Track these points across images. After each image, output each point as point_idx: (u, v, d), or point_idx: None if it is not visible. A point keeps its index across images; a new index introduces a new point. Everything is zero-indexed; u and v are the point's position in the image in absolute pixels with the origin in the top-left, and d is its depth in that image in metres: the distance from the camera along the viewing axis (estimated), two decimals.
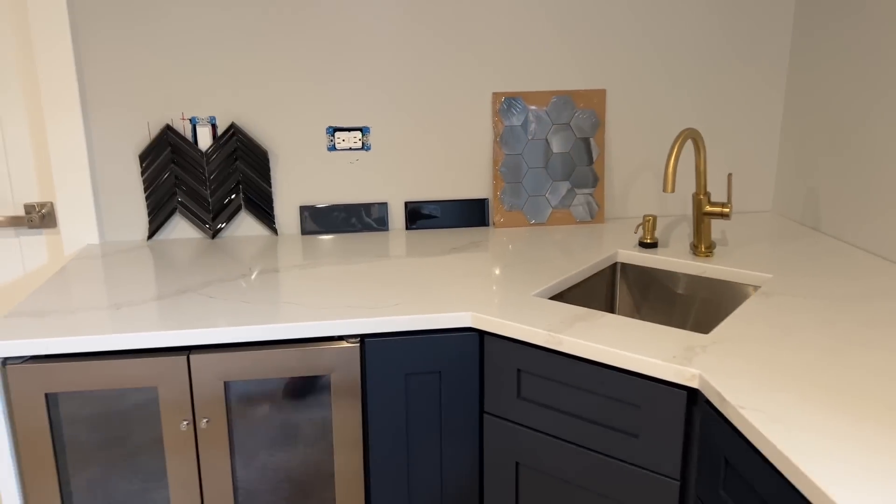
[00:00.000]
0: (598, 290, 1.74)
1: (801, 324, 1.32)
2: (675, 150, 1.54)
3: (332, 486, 1.46)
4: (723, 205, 1.67)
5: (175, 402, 1.37)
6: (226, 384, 1.38)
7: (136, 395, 1.37)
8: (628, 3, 1.97)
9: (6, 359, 1.33)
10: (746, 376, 1.13)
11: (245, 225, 1.97)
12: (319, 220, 1.98)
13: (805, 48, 1.97)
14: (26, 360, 1.33)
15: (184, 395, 1.37)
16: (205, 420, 1.39)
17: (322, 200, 1.99)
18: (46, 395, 1.34)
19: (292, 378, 1.41)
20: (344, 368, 1.41)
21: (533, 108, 1.99)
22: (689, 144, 2.04)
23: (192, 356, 1.36)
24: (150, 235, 1.92)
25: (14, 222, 1.93)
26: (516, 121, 1.99)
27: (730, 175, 1.66)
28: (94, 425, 1.38)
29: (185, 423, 1.38)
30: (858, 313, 1.37)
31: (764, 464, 0.99)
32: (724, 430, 1.09)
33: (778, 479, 0.95)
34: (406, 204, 2.02)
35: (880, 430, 0.97)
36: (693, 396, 1.20)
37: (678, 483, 1.23)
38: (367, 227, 2.00)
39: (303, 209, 1.97)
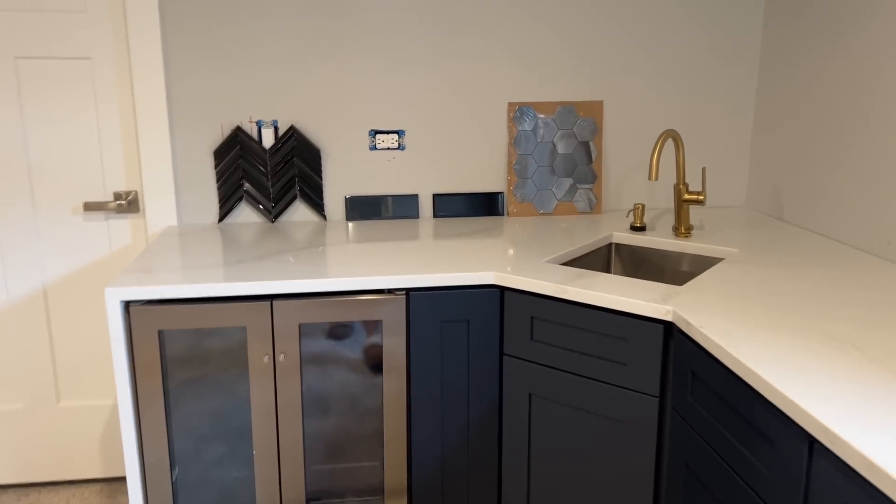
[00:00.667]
0: (596, 264, 2.10)
1: (753, 280, 1.68)
2: (658, 146, 1.91)
3: (381, 408, 1.81)
4: (698, 193, 2.04)
5: (259, 340, 1.73)
6: (300, 326, 1.74)
7: (228, 333, 1.73)
8: (621, 28, 2.36)
9: (129, 302, 1.69)
10: (708, 310, 1.48)
11: (299, 212, 2.34)
12: (361, 208, 2.35)
13: (772, 62, 2.35)
14: (143, 303, 1.69)
15: (266, 334, 1.73)
16: (282, 354, 1.74)
17: (364, 192, 2.36)
18: (159, 332, 1.70)
19: (352, 322, 1.76)
20: (393, 315, 1.77)
21: (541, 115, 2.37)
22: (672, 146, 2.41)
23: (274, 302, 1.72)
24: (221, 219, 2.29)
25: (104, 207, 2.29)
26: (527, 126, 2.36)
27: (704, 168, 2.03)
28: (194, 356, 1.73)
29: (266, 357, 1.74)
30: (798, 273, 1.73)
31: (720, 367, 1.34)
32: (690, 349, 1.45)
33: (730, 375, 1.31)
34: (434, 196, 2.39)
35: (800, 338, 1.32)
36: (669, 330, 1.55)
37: (657, 399, 1.58)
38: (400, 215, 2.37)
39: (347, 199, 2.34)
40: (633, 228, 2.16)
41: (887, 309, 1.47)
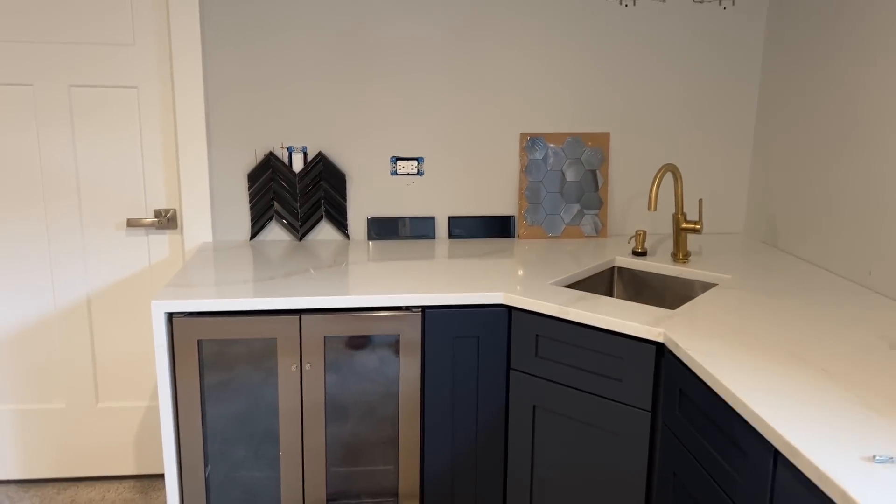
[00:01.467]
0: (600, 287, 2.25)
1: (741, 305, 1.83)
2: (657, 180, 2.07)
3: (397, 415, 1.98)
4: (695, 222, 2.19)
5: (288, 350, 1.90)
6: (325, 339, 1.91)
7: (260, 343, 1.90)
8: (627, 65, 2.52)
9: (172, 314, 1.87)
10: (696, 333, 1.64)
11: (325, 231, 2.51)
12: (382, 228, 2.52)
13: (770, 98, 2.50)
14: (185, 315, 1.87)
15: (294, 345, 1.90)
16: (308, 364, 1.92)
17: (385, 213, 2.53)
18: (198, 341, 1.88)
19: (372, 335, 1.93)
20: (409, 331, 1.93)
21: (551, 145, 2.53)
22: (671, 179, 2.56)
23: (302, 316, 1.89)
24: (252, 236, 2.47)
25: (145, 224, 2.48)
26: (538, 155, 2.53)
27: (700, 200, 2.18)
28: (228, 363, 1.91)
29: (293, 365, 1.91)
30: (783, 300, 1.87)
31: (702, 385, 1.49)
32: (678, 368, 1.60)
33: (710, 393, 1.46)
34: (449, 218, 2.55)
35: (776, 361, 1.47)
36: (661, 350, 1.71)
37: (650, 413, 1.74)
38: (418, 236, 2.54)
39: (369, 220, 2.51)
40: (635, 253, 2.31)
41: (860, 335, 1.62)
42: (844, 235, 2.09)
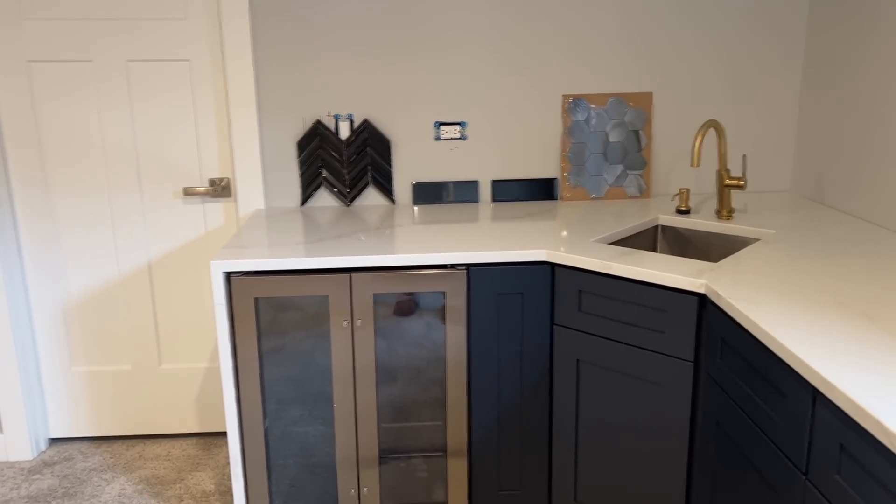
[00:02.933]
0: (643, 245, 2.27)
1: (784, 258, 1.84)
2: (700, 136, 2.07)
3: (444, 367, 2.05)
4: (739, 178, 2.19)
5: (339, 307, 1.99)
6: (374, 296, 1.99)
7: (313, 301, 1.99)
8: (669, 23, 2.51)
9: (230, 273, 1.96)
10: (737, 284, 1.66)
11: (371, 196, 2.58)
12: (426, 193, 2.58)
13: (817, 51, 2.47)
14: (242, 274, 1.96)
15: (345, 302, 1.98)
16: (359, 320, 2.00)
17: (429, 178, 2.59)
18: (255, 299, 1.97)
19: (419, 293, 2.00)
20: (455, 288, 1.99)
21: (594, 106, 2.54)
22: (714, 135, 2.55)
23: (352, 275, 1.97)
24: (303, 203, 2.56)
25: (201, 192, 2.59)
26: (580, 116, 2.55)
27: (744, 156, 2.18)
28: (284, 320, 2.00)
29: (345, 322, 1.99)
30: (827, 252, 1.87)
31: (743, 332, 1.52)
32: (720, 317, 1.63)
33: (750, 339, 1.49)
34: (492, 181, 2.60)
35: (817, 308, 1.49)
36: (702, 302, 1.73)
37: (692, 363, 1.77)
38: (462, 200, 2.59)
39: (414, 185, 2.57)
40: (679, 211, 2.32)
41: None
42: (892, 188, 2.06)
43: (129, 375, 2.74)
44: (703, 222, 2.23)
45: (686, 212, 2.32)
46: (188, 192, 2.58)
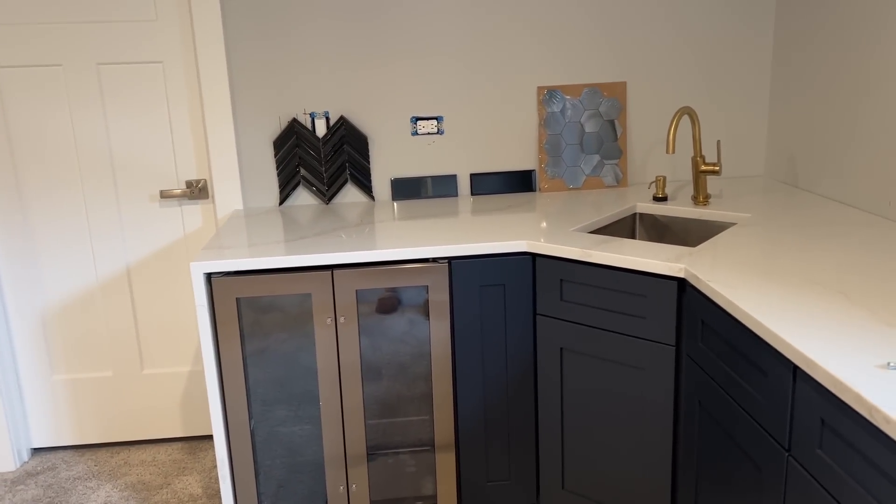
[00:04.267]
0: (621, 232, 2.29)
1: (760, 240, 1.87)
2: (674, 122, 2.10)
3: (429, 361, 2.05)
4: (714, 164, 2.22)
5: (322, 305, 1.98)
6: (357, 292, 1.99)
7: (296, 299, 1.98)
8: (640, 12, 2.53)
9: (210, 274, 1.95)
10: (716, 267, 1.68)
11: (350, 194, 2.58)
12: (405, 188, 2.58)
13: (786, 36, 2.50)
14: (223, 275, 1.95)
15: (328, 300, 1.98)
16: (342, 318, 1.99)
17: (407, 174, 2.59)
18: (237, 299, 1.96)
19: (402, 288, 2.00)
20: (437, 282, 2.00)
21: (569, 97, 2.56)
22: (688, 122, 2.58)
23: (334, 272, 1.96)
24: (281, 202, 2.55)
25: (177, 195, 2.57)
26: (556, 108, 2.56)
27: (718, 141, 2.20)
28: (266, 320, 1.99)
29: (328, 319, 1.99)
30: (802, 233, 1.91)
31: (723, 313, 1.54)
32: (700, 300, 1.65)
33: (730, 320, 1.51)
34: (471, 175, 2.61)
35: (794, 286, 1.51)
36: (682, 286, 1.75)
37: (673, 347, 1.79)
38: (441, 194, 2.60)
39: (393, 181, 2.57)
40: (656, 199, 2.35)
41: (877, 261, 1.65)
42: (864, 170, 2.10)
43: (112, 382, 2.72)
44: (680, 209, 2.26)
45: (663, 199, 2.34)
46: (165, 195, 2.55)
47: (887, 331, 1.27)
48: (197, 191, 2.57)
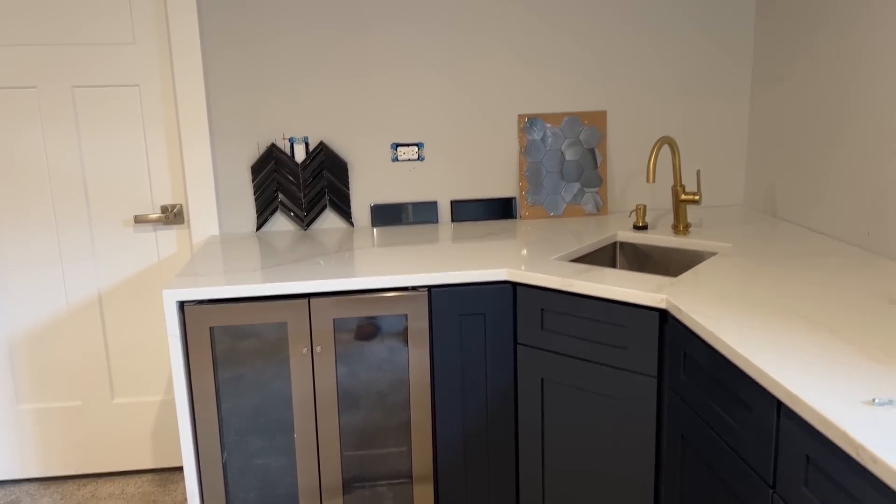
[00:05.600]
0: (602, 261, 2.28)
1: (741, 271, 1.86)
2: (654, 152, 2.10)
3: (408, 391, 2.01)
4: (694, 193, 2.22)
5: (298, 334, 1.94)
6: (334, 321, 1.95)
7: (271, 328, 1.94)
8: (620, 43, 2.54)
9: (183, 302, 1.90)
10: (697, 298, 1.66)
11: (329, 220, 2.55)
12: (385, 215, 2.55)
13: (764, 68, 2.52)
14: (196, 303, 1.90)
15: (304, 329, 1.94)
16: (319, 347, 1.95)
17: (387, 200, 2.56)
18: (210, 328, 1.91)
19: (380, 316, 1.96)
20: (417, 310, 1.96)
21: (549, 125, 2.56)
22: (668, 151, 2.59)
23: (311, 300, 1.92)
24: (258, 228, 2.51)
25: (152, 220, 2.52)
26: (537, 136, 2.56)
27: (698, 171, 2.21)
28: (241, 350, 1.94)
29: (304, 349, 1.94)
30: (786, 263, 1.90)
31: (705, 346, 1.52)
32: (682, 332, 1.63)
33: (713, 353, 1.49)
34: (451, 202, 2.58)
35: (778, 319, 1.50)
36: (664, 317, 1.74)
37: (655, 379, 1.77)
38: (421, 221, 2.57)
39: (373, 207, 2.55)
40: (636, 227, 2.34)
41: (858, 293, 1.65)
42: (842, 200, 2.11)
43: (80, 411, 2.64)
44: (660, 237, 2.25)
45: (643, 227, 2.34)
46: (139, 220, 2.50)
47: (872, 366, 1.25)
48: (172, 216, 2.52)
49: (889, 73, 1.90)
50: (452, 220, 2.59)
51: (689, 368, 1.62)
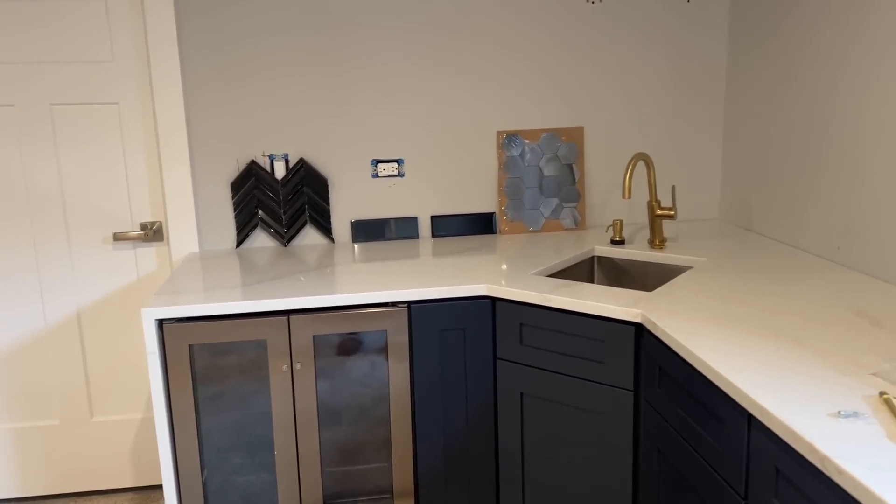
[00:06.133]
0: (580, 276, 2.31)
1: (715, 285, 1.89)
2: (629, 168, 2.13)
3: (388, 407, 2.02)
4: (669, 208, 2.25)
5: (278, 351, 1.94)
6: (314, 338, 1.95)
7: (251, 345, 1.94)
8: (597, 61, 2.59)
9: (162, 320, 1.90)
10: (672, 312, 1.69)
11: (309, 236, 2.56)
12: (366, 230, 2.57)
13: (737, 84, 2.58)
14: (175, 321, 1.90)
15: (284, 345, 1.94)
16: (299, 364, 1.96)
17: (368, 216, 2.58)
18: (189, 346, 1.91)
19: (360, 332, 1.97)
20: (397, 326, 1.98)
21: (528, 142, 2.59)
22: (644, 167, 2.63)
23: (291, 317, 1.93)
24: (238, 244, 2.51)
25: (132, 237, 2.51)
26: (515, 152, 2.59)
27: (673, 186, 2.24)
28: (220, 367, 1.94)
29: (284, 366, 1.95)
30: (759, 277, 1.94)
31: (679, 360, 1.55)
32: (657, 346, 1.66)
33: (687, 366, 1.52)
34: (432, 217, 2.60)
35: (748, 332, 1.53)
36: (640, 331, 1.76)
37: (632, 392, 1.79)
38: (402, 236, 2.59)
39: (353, 223, 2.56)
40: (614, 242, 2.37)
41: (828, 305, 1.68)
42: (813, 215, 2.16)
43: (59, 430, 2.61)
44: (637, 252, 2.28)
45: (620, 242, 2.37)
46: (118, 237, 2.50)
47: (839, 378, 1.28)
48: (152, 233, 2.52)
49: (857, 92, 1.95)
50: (433, 236, 2.61)
51: (664, 382, 1.65)
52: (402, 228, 2.59)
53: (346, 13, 2.45)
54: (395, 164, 2.57)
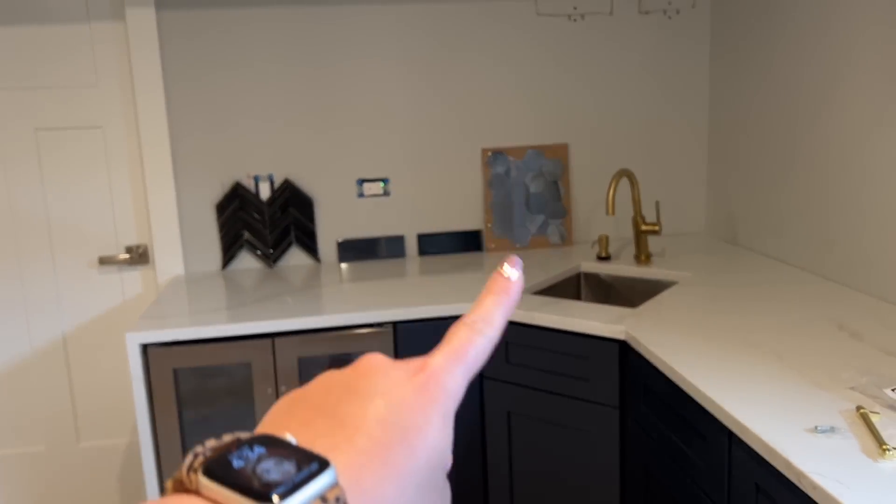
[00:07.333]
0: (567, 292, 2.31)
1: (700, 300, 1.90)
2: (613, 185, 2.14)
3: None
4: (654, 224, 2.26)
5: (263, 374, 1.94)
6: (299, 360, 1.95)
7: (236, 369, 1.93)
8: (580, 78, 2.61)
9: (146, 345, 1.90)
10: (656, 328, 1.69)
11: (295, 256, 2.56)
12: (352, 250, 2.57)
13: (720, 99, 2.59)
14: (159, 345, 1.90)
15: (269, 368, 1.94)
16: (284, 386, 1.95)
17: (354, 235, 2.58)
18: (174, 370, 1.90)
19: (345, 353, 1.97)
20: (382, 346, 1.97)
21: (513, 159, 2.60)
22: (628, 183, 2.64)
23: (275, 340, 1.92)
24: (224, 266, 2.51)
25: (117, 260, 2.51)
26: (501, 169, 2.60)
27: (657, 202, 2.25)
28: (205, 391, 1.94)
29: (269, 389, 1.94)
30: (743, 291, 1.94)
31: (663, 377, 1.55)
32: (641, 363, 1.66)
33: (670, 384, 1.52)
34: (418, 236, 2.61)
35: (731, 348, 1.53)
36: (624, 348, 1.76)
37: (618, 410, 1.78)
38: (388, 255, 2.59)
39: (339, 243, 2.56)
40: (600, 258, 2.38)
41: (810, 319, 1.69)
42: (796, 228, 2.16)
43: (44, 457, 2.59)
44: (622, 267, 2.29)
45: (606, 258, 2.37)
46: (104, 261, 2.49)
47: (818, 392, 1.28)
48: (137, 256, 2.51)
49: (837, 108, 1.96)
50: (420, 254, 2.61)
51: (648, 399, 1.64)
52: (389, 247, 2.59)
53: (329, 36, 2.47)
54: (381, 184, 2.57)
